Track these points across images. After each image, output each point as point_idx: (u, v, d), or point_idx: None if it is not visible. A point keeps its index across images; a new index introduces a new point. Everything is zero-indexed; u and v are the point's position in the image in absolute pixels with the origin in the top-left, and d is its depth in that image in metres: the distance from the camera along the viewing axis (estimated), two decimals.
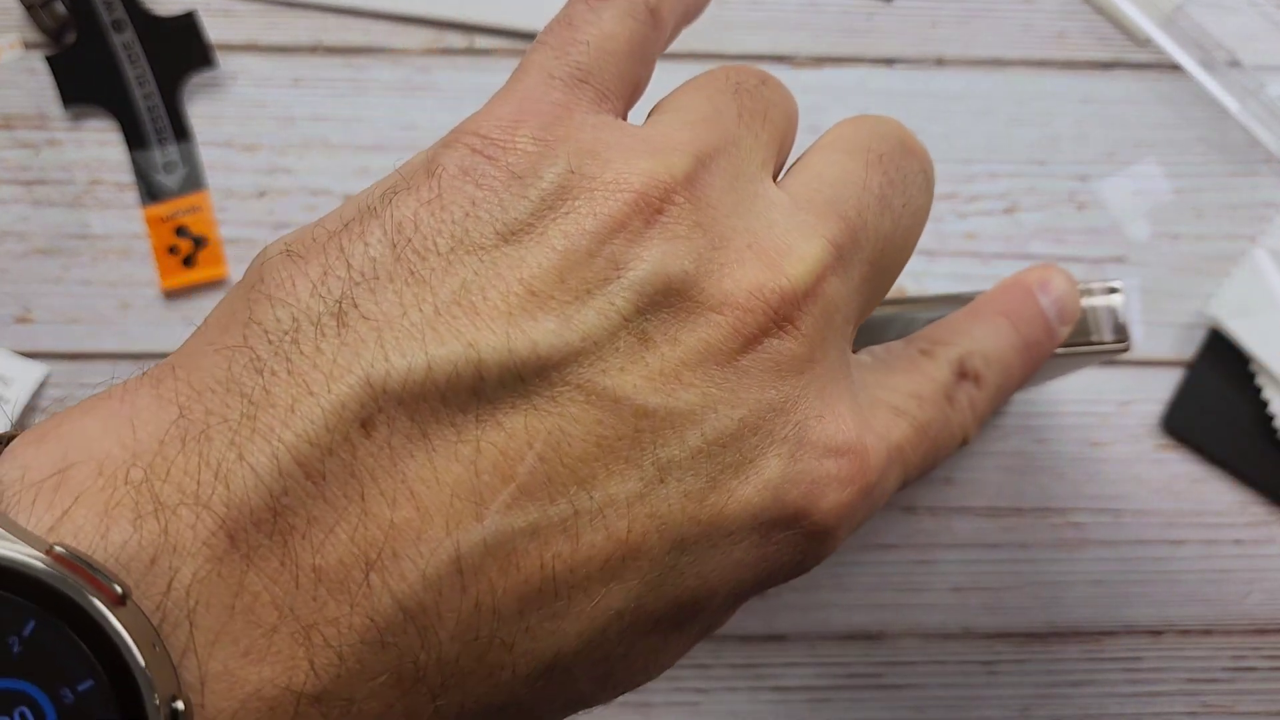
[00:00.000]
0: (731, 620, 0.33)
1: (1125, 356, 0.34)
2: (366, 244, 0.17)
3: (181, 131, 0.35)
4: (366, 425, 0.16)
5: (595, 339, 0.17)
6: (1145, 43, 0.37)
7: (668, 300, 0.17)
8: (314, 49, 0.36)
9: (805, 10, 0.37)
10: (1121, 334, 0.25)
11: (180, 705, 0.14)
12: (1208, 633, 0.34)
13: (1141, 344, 0.35)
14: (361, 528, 0.15)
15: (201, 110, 0.35)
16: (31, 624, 0.14)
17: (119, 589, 0.14)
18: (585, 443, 0.16)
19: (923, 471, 0.22)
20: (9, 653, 0.14)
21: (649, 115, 0.21)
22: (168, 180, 0.35)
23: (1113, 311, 0.25)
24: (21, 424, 0.33)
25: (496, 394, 0.16)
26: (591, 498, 0.16)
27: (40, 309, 0.34)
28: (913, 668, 0.34)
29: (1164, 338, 0.35)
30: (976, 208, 0.36)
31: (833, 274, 0.19)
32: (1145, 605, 0.34)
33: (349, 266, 0.17)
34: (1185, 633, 0.34)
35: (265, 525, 0.15)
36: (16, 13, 0.35)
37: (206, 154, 0.35)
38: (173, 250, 0.34)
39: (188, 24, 0.35)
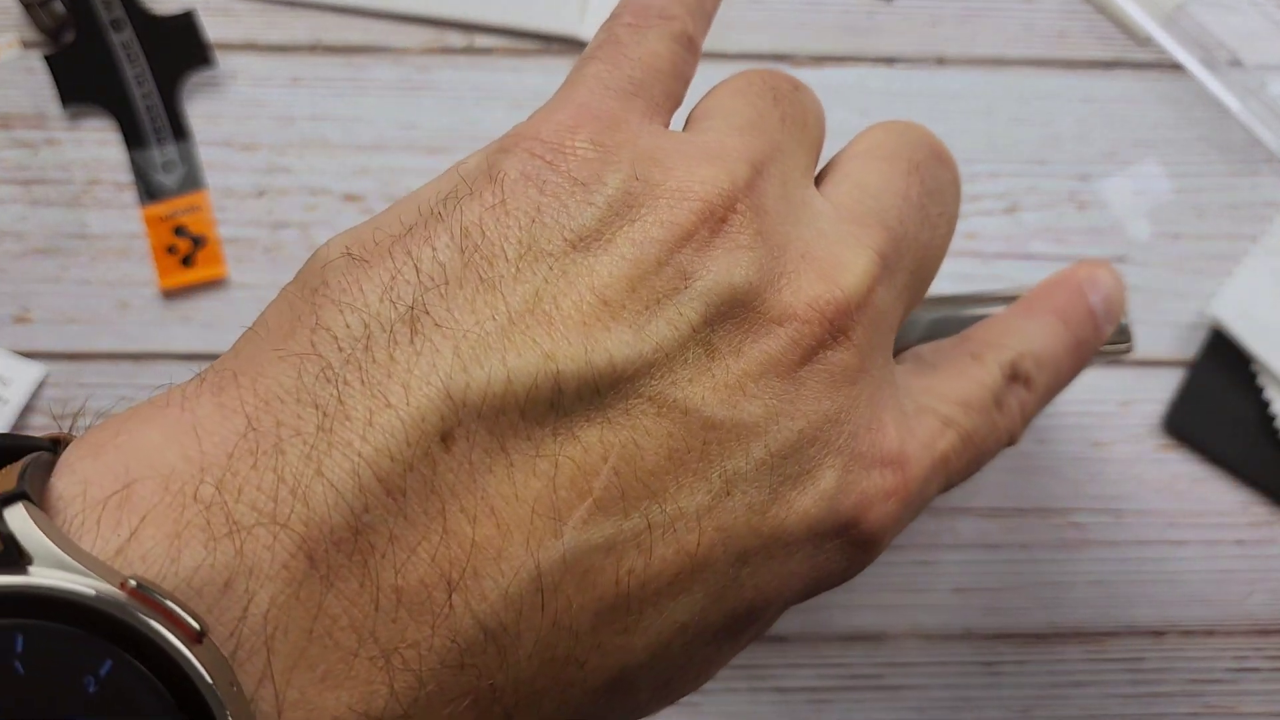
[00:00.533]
0: None
1: (1126, 356, 0.34)
2: (434, 249, 0.16)
3: (180, 131, 0.35)
4: (446, 439, 0.15)
5: (666, 350, 0.17)
6: (1146, 42, 0.37)
7: (732, 311, 0.17)
8: (313, 48, 0.36)
9: (805, 9, 0.37)
10: (1124, 335, 0.25)
11: None
12: (1210, 633, 0.34)
13: (1142, 344, 0.35)
14: (443, 546, 0.15)
15: (200, 109, 0.35)
16: (109, 664, 0.13)
17: (196, 625, 0.13)
18: (657, 455, 0.16)
19: (966, 476, 0.22)
20: (84, 693, 0.13)
21: (688, 121, 0.21)
22: (166, 179, 0.35)
23: None
24: (20, 425, 0.33)
25: (573, 407, 0.16)
26: (663, 511, 0.16)
27: (38, 309, 0.34)
28: (914, 669, 0.33)
29: (1165, 337, 0.35)
30: (977, 207, 0.36)
31: (880, 284, 0.19)
32: (1147, 606, 0.34)
33: (418, 271, 0.16)
34: (1187, 633, 0.34)
35: (346, 545, 0.14)
36: (15, 12, 0.35)
37: (205, 153, 0.35)
38: (171, 250, 0.34)
39: (186, 23, 0.35)
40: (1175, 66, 0.37)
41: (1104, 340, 0.24)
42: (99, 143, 0.35)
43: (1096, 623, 0.34)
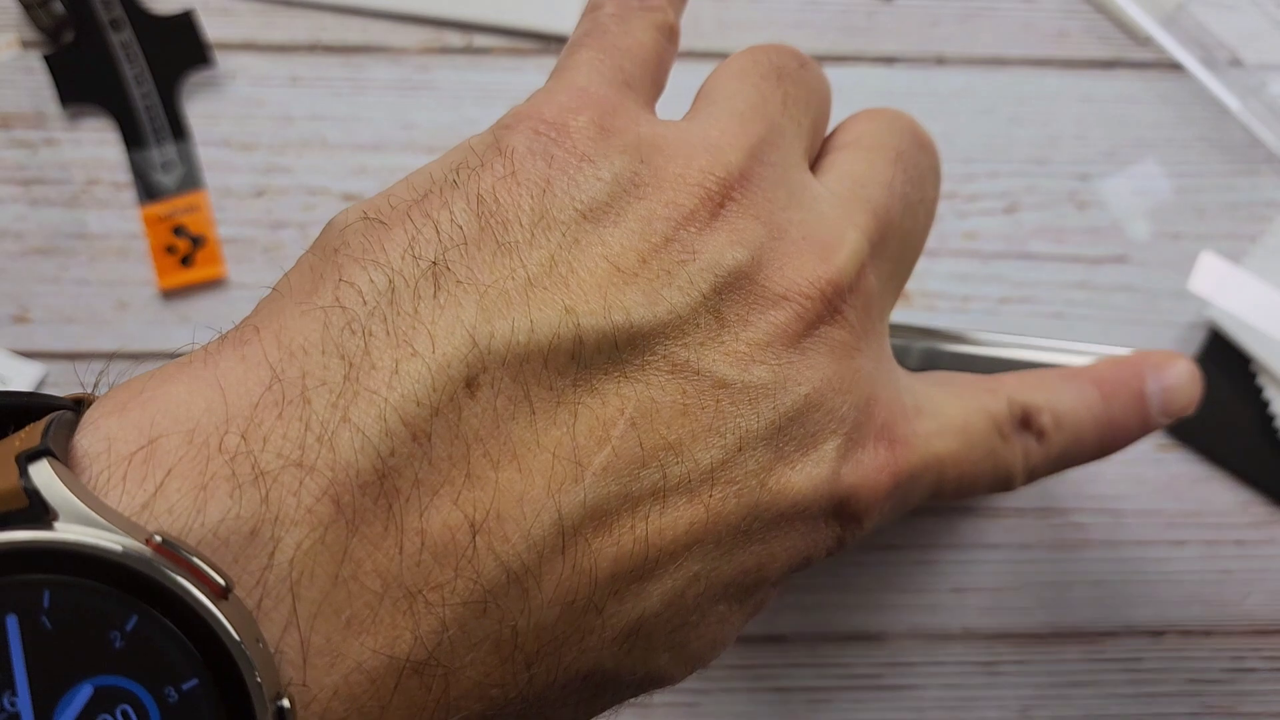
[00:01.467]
0: None
1: None
2: (451, 213, 0.17)
3: (179, 130, 0.35)
4: (471, 386, 0.15)
5: (679, 314, 0.17)
6: (1146, 41, 0.37)
7: (737, 283, 0.18)
8: (312, 48, 0.36)
9: (805, 8, 0.37)
10: None
11: (286, 703, 0.14)
12: (1208, 633, 0.34)
13: (1142, 344, 0.35)
14: (466, 490, 0.15)
15: (199, 109, 0.35)
16: (134, 618, 0.13)
17: (222, 581, 0.13)
18: (672, 411, 0.17)
19: (956, 494, 0.22)
20: (110, 648, 0.13)
21: (695, 100, 0.21)
22: (165, 179, 0.35)
23: None
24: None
25: (593, 360, 0.17)
26: (679, 463, 0.17)
27: (37, 308, 0.34)
28: (913, 669, 0.33)
29: (1165, 338, 0.35)
30: (976, 207, 0.36)
31: (869, 267, 0.20)
32: (1146, 606, 0.34)
33: (438, 232, 0.17)
34: (1186, 633, 0.34)
35: (371, 489, 0.15)
36: (14, 11, 0.35)
37: (204, 153, 0.35)
38: (170, 250, 0.34)
39: (186, 23, 0.35)
40: (1175, 66, 0.36)
41: (1151, 429, 0.23)
42: (98, 142, 0.35)
43: (1095, 623, 0.34)
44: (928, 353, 0.25)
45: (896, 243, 0.21)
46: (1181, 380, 0.23)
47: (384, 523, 0.15)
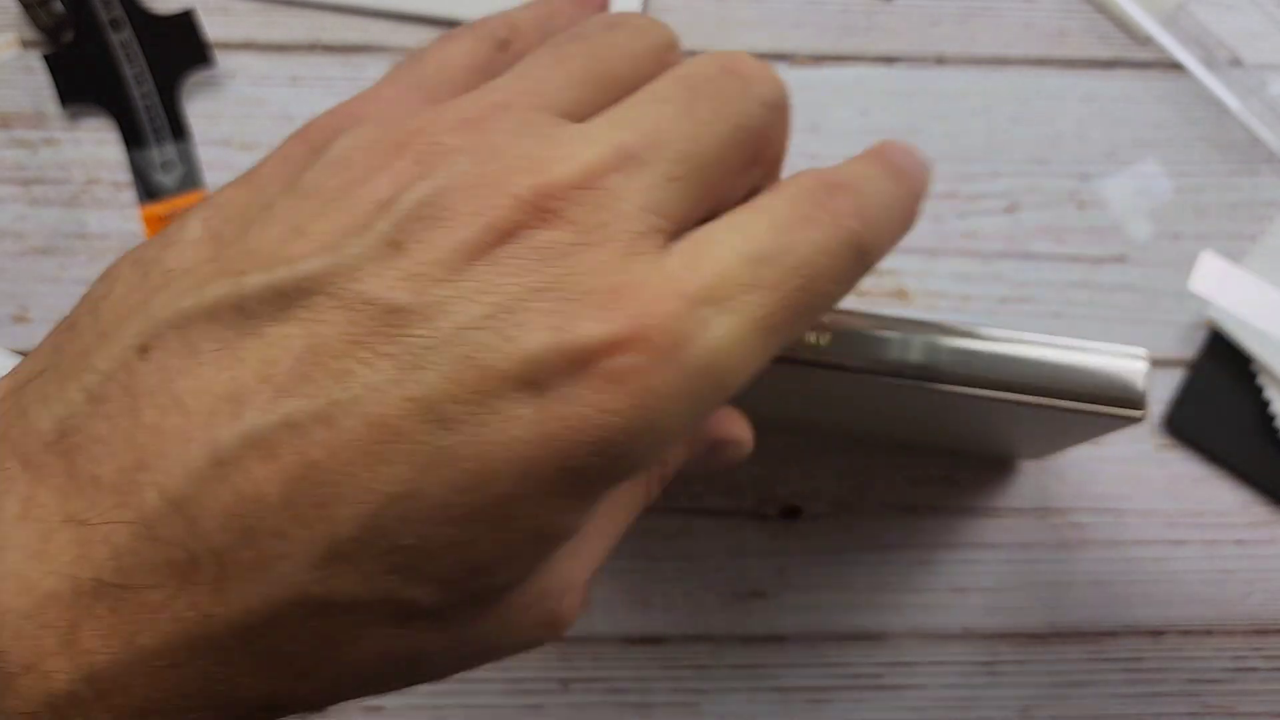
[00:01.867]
0: (731, 620, 0.33)
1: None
2: (184, 225, 0.20)
3: (179, 130, 0.35)
4: (144, 350, 0.18)
5: (354, 255, 0.18)
6: (1146, 41, 0.37)
7: (422, 212, 0.18)
8: (312, 47, 0.36)
9: (805, 8, 0.37)
10: (1138, 402, 0.25)
11: None
12: (1209, 633, 0.34)
13: (1142, 344, 0.35)
14: (135, 436, 0.18)
15: (199, 109, 0.35)
16: None
17: None
18: (341, 342, 0.18)
19: (792, 311, 0.19)
20: None
21: None
22: (165, 179, 0.35)
23: (1133, 377, 0.25)
24: None
25: (260, 311, 0.18)
26: (347, 388, 0.18)
27: (37, 308, 0.34)
28: (913, 668, 0.33)
29: (1165, 337, 0.35)
30: (977, 207, 0.36)
31: (616, 171, 0.19)
32: (1146, 605, 0.34)
33: (165, 238, 0.20)
34: (1186, 633, 0.34)
35: (54, 446, 0.18)
36: (14, 11, 0.35)
37: (204, 153, 0.35)
38: None
39: (186, 22, 0.35)
40: (1175, 66, 0.36)
41: (924, 176, 0.21)
42: (98, 142, 0.35)
43: (1096, 622, 0.34)
44: (929, 345, 0.25)
45: (673, 148, 0.20)
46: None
47: (66, 472, 0.18)
